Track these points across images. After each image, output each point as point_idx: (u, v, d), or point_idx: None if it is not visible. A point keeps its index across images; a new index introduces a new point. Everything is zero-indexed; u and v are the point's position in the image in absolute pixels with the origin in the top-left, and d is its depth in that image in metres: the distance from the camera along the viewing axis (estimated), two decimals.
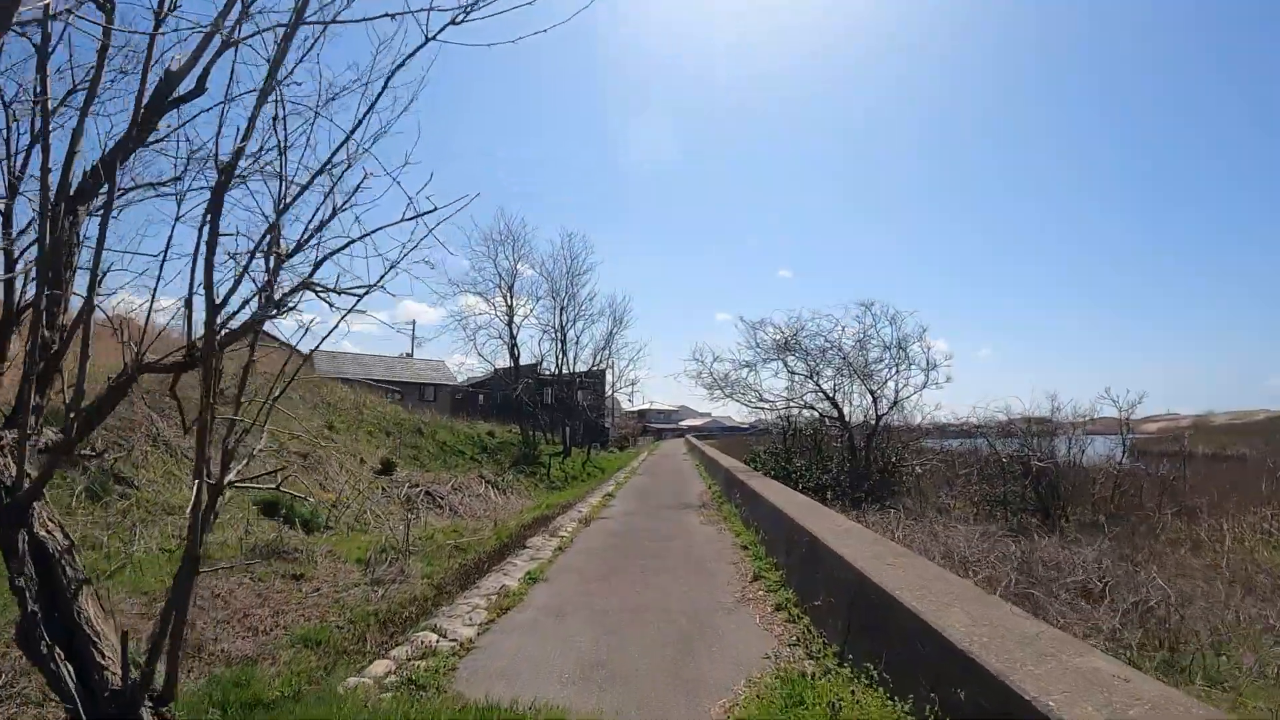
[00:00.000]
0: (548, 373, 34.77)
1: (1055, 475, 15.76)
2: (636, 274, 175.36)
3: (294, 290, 4.21)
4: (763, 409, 18.91)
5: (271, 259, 3.92)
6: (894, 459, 15.51)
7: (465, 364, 41.63)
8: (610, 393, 48.20)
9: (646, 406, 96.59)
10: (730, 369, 18.58)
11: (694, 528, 12.63)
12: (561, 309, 33.21)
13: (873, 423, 15.84)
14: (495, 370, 33.67)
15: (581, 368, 35.98)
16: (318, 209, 3.98)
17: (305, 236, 4.08)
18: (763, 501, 10.69)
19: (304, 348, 4.07)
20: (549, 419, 34.37)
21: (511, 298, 30.67)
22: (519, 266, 31.54)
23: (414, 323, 57.44)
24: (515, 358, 31.19)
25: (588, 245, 42.25)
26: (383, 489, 16.12)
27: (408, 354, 53.13)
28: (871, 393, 15.67)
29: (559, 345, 33.31)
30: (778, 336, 17.58)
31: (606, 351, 36.82)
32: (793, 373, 17.60)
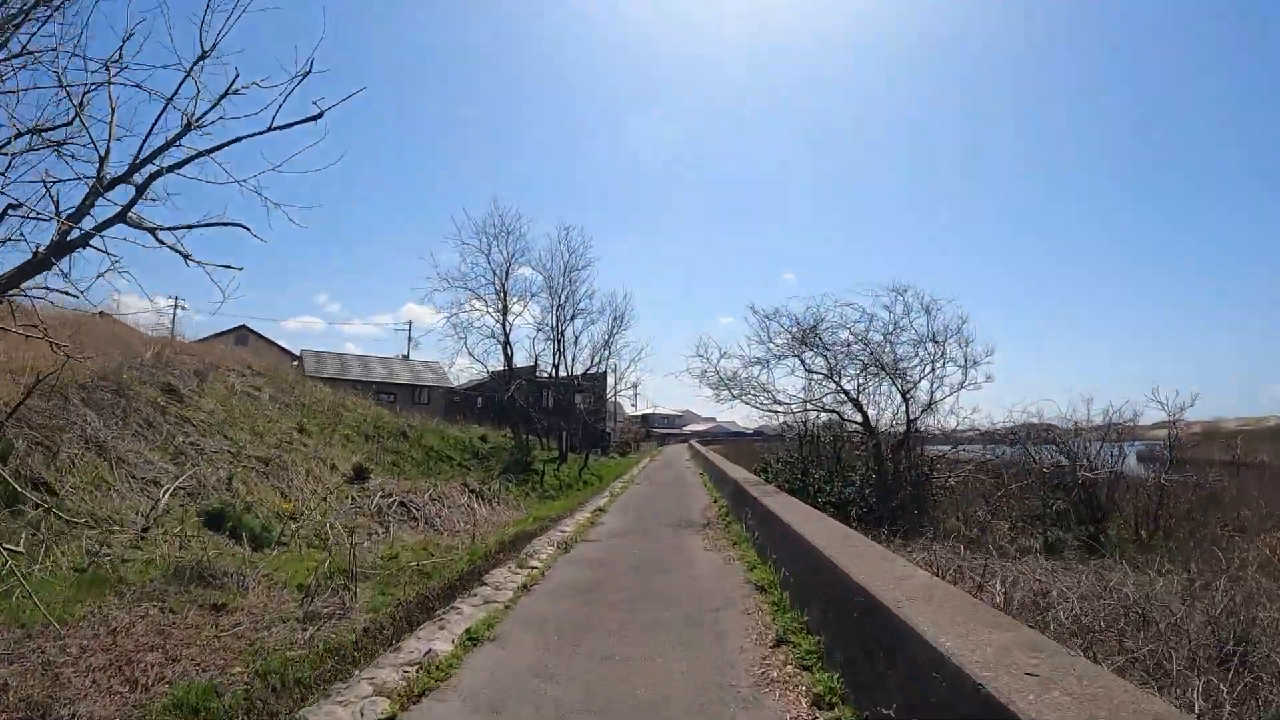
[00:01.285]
0: (544, 374, 33.09)
1: (1098, 488, 14.15)
2: (634, 274, 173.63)
3: (106, 224, 2.80)
4: (776, 412, 16.64)
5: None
6: (928, 470, 13.74)
7: (466, 367, 39.89)
8: (612, 396, 46.56)
9: (650, 411, 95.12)
10: (739, 366, 16.43)
11: (696, 555, 10.58)
12: (558, 306, 31.50)
13: (903, 428, 13.94)
14: (491, 373, 31.81)
15: (580, 370, 34.25)
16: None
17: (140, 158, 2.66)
18: (781, 526, 8.70)
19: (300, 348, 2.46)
20: (546, 423, 32.71)
21: (505, 295, 29.02)
22: (514, 263, 29.81)
23: (410, 323, 56.02)
24: (509, 357, 29.45)
25: (586, 239, 40.39)
26: (353, 498, 14.53)
27: (404, 355, 51.67)
28: (903, 394, 13.87)
29: (556, 345, 31.61)
30: (794, 330, 15.41)
31: (606, 352, 34.98)
32: (810, 371, 15.48)
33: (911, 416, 13.73)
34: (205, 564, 8.84)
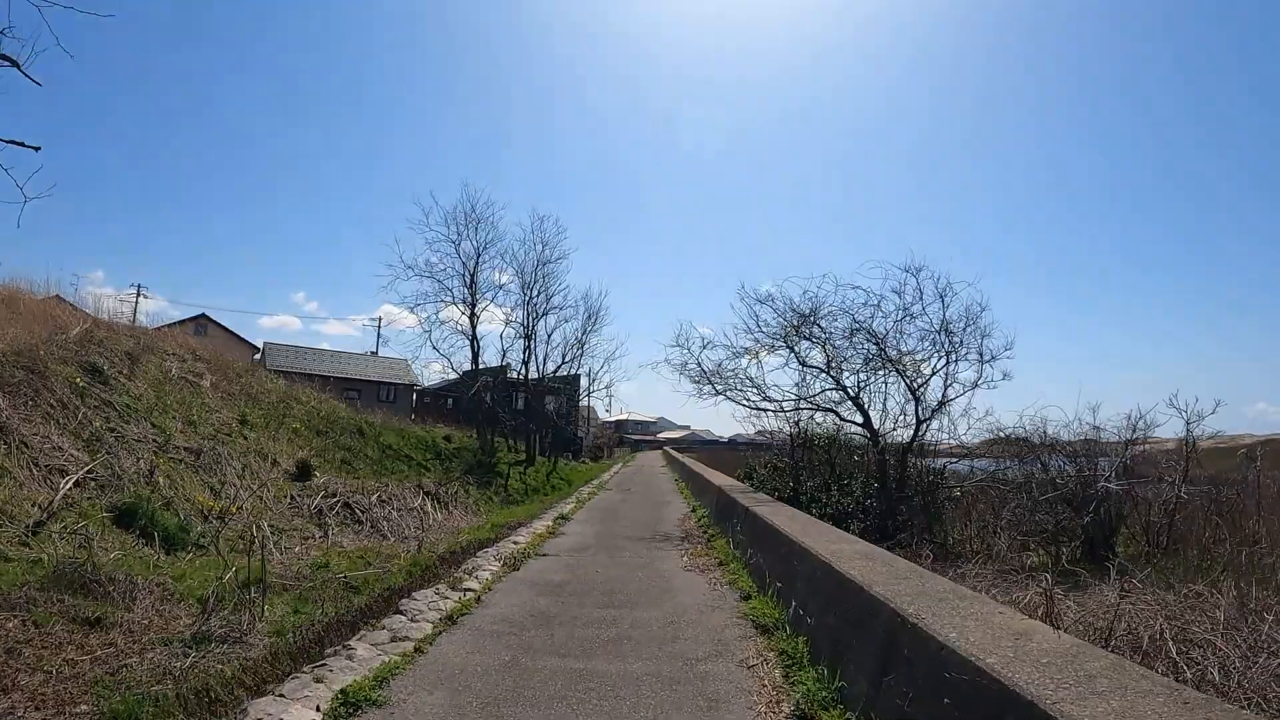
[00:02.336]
0: (516, 375, 31.77)
1: (1110, 501, 13.24)
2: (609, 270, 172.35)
3: None
4: (765, 410, 14.69)
5: None
6: (934, 480, 12.48)
7: (438, 369, 38.27)
8: (585, 399, 45.34)
9: (624, 416, 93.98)
10: (724, 358, 14.54)
11: (675, 577, 8.60)
12: (530, 300, 30.12)
13: (910, 431, 12.48)
14: (461, 374, 30.31)
15: (553, 369, 32.94)
16: None
17: None
18: (786, 544, 6.89)
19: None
20: (515, 425, 31.37)
21: (475, 287, 27.64)
22: (484, 254, 28.35)
23: (380, 319, 54.41)
24: (476, 353, 28.07)
25: (561, 230, 39.06)
26: (292, 497, 13.23)
27: (373, 352, 50.06)
28: (913, 391, 12.41)
29: (526, 342, 30.25)
30: (788, 316, 13.51)
31: (579, 351, 33.60)
32: (805, 365, 13.68)
33: (921, 417, 12.36)
34: (92, 568, 7.53)
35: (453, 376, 31.63)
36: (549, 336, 32.55)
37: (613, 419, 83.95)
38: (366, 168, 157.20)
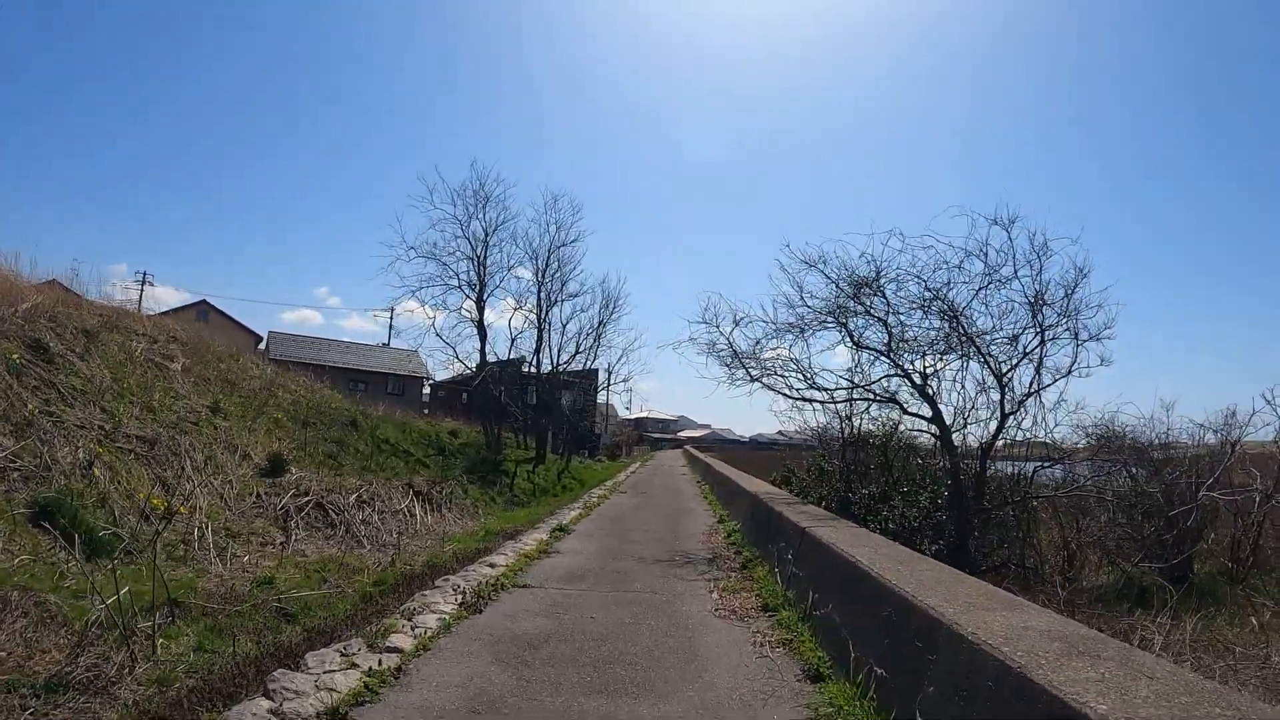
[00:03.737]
0: (529, 367, 29.98)
1: (1195, 514, 11.30)
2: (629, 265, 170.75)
3: None
4: (812, 401, 11.99)
5: None
6: (1025, 489, 9.97)
7: (450, 360, 36.33)
8: (604, 393, 43.53)
9: (644, 414, 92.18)
10: (762, 336, 11.72)
11: (702, 632, 6.00)
12: (542, 285, 28.22)
13: (994, 426, 9.68)
14: (476, 369, 28.27)
15: (567, 361, 31.03)
16: None
17: None
18: (888, 599, 4.27)
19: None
20: (529, 420, 29.58)
21: (484, 270, 25.81)
22: (494, 235, 26.36)
23: (392, 309, 52.89)
24: (484, 340, 26.21)
25: (576, 210, 36.97)
26: (259, 495, 11.54)
27: (385, 344, 48.56)
28: (999, 377, 9.52)
29: (539, 331, 28.38)
30: (843, 283, 10.73)
31: (595, 343, 31.50)
32: (860, 345, 10.92)
33: (1008, 409, 9.53)
34: None
35: (465, 371, 29.46)
36: (564, 326, 30.70)
37: (632, 416, 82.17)
38: (390, 163, 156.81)
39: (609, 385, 37.38)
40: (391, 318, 48.01)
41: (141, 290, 41.07)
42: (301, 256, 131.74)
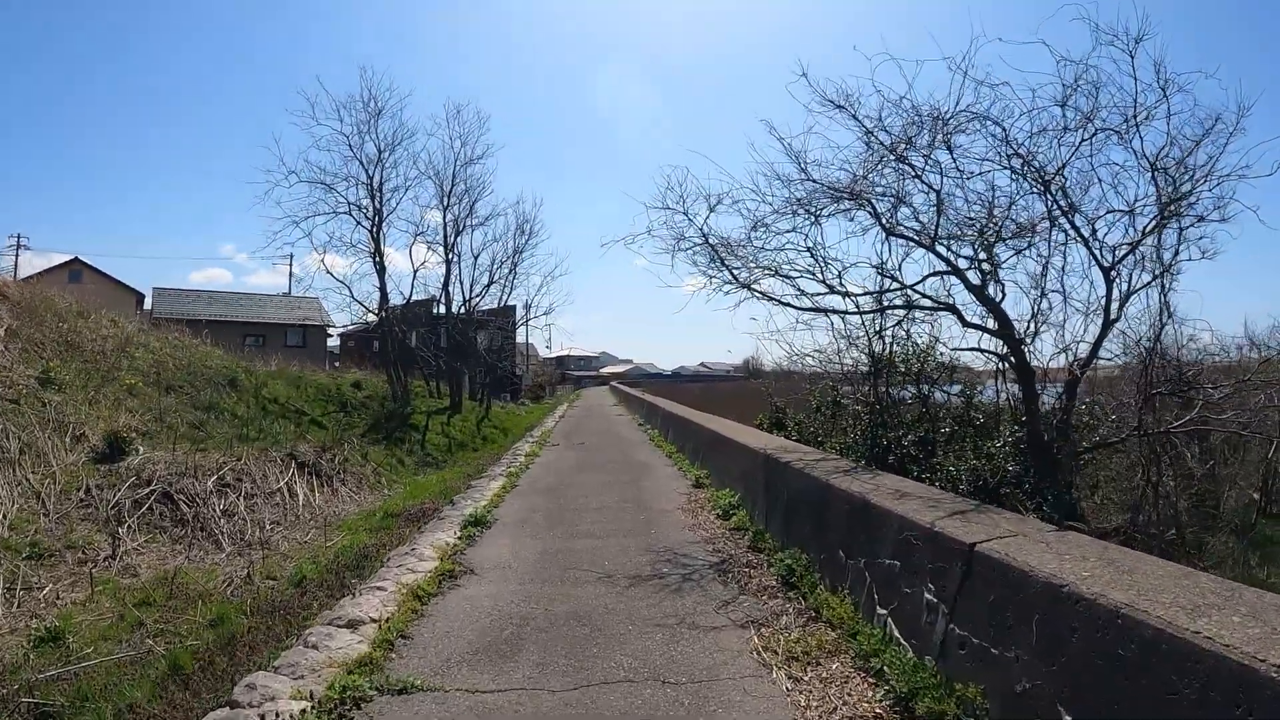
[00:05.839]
0: (439, 307, 27.42)
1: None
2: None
3: None
4: (831, 312, 8.12)
5: None
6: (1147, 425, 6.74)
7: (348, 303, 33.06)
8: (524, 329, 41.19)
9: (566, 353, 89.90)
10: (763, 217, 7.80)
11: None
12: (447, 210, 25.42)
13: (1093, 341, 6.65)
14: (373, 311, 25.15)
15: (481, 296, 28.49)
16: None
17: None
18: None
19: None
20: (443, 365, 27.19)
21: (380, 197, 22.80)
22: (390, 154, 23.21)
23: (291, 256, 48.76)
24: (382, 277, 23.24)
25: (483, 121, 33.78)
26: (88, 489, 9.24)
27: (286, 294, 44.62)
28: (1105, 269, 6.49)
29: (447, 263, 25.75)
30: (885, 133, 7.10)
31: (511, 273, 28.98)
32: (893, 233, 7.34)
33: (1112, 315, 6.51)
34: None
35: (373, 316, 26.33)
36: (475, 257, 28.14)
37: (554, 355, 79.99)
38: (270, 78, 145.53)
39: (528, 321, 34.87)
40: (291, 264, 44.11)
41: (17, 255, 36.19)
42: (209, 212, 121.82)
